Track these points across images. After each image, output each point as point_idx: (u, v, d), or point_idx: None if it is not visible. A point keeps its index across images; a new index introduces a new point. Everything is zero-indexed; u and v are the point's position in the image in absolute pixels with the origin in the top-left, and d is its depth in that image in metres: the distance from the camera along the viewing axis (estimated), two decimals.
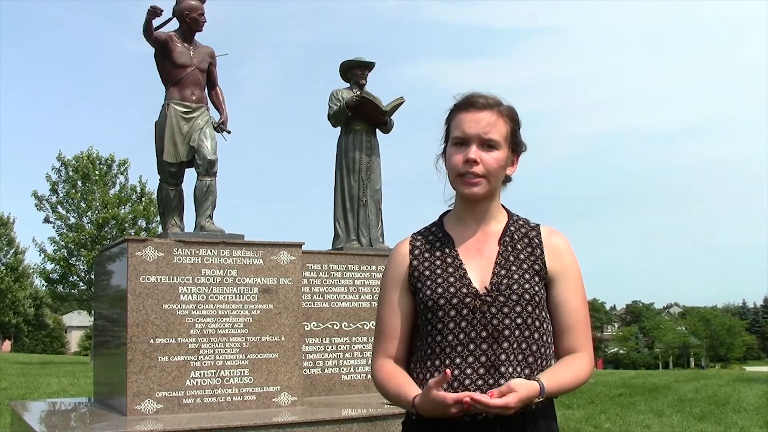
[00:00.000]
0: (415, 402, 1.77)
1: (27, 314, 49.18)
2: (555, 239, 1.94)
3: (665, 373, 22.42)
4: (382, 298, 1.97)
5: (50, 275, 28.44)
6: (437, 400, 1.68)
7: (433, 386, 1.69)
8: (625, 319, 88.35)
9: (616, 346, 66.78)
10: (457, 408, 1.67)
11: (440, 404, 1.68)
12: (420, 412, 1.76)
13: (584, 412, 8.98)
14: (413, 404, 1.77)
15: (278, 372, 5.75)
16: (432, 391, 1.69)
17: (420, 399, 1.75)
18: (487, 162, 1.85)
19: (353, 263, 6.95)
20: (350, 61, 7.65)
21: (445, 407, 1.67)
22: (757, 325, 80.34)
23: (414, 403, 1.77)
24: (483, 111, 1.87)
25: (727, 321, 64.84)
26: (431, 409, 1.71)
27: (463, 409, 1.67)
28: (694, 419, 8.45)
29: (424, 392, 1.73)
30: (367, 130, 7.63)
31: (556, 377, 1.80)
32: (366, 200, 7.55)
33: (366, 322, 6.83)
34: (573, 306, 1.90)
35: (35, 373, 18.17)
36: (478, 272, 1.87)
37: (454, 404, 1.67)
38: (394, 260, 1.97)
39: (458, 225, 1.96)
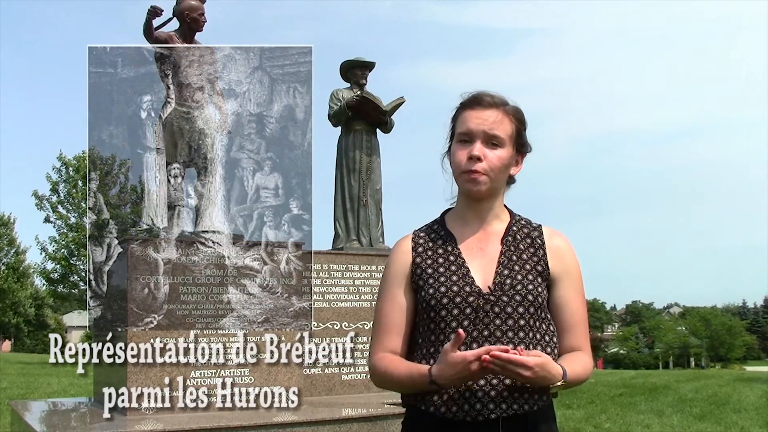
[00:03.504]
0: (432, 372, 1.74)
1: (27, 314, 49.14)
2: (557, 240, 1.94)
3: (665, 373, 22.42)
4: (383, 294, 1.95)
5: (50, 275, 28.43)
6: (457, 360, 1.67)
7: (449, 349, 1.68)
8: (625, 319, 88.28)
9: (616, 346, 66.73)
10: (477, 364, 1.66)
11: (460, 364, 1.67)
12: (440, 381, 1.73)
13: (584, 412, 8.98)
14: (430, 375, 1.74)
15: (278, 372, 5.75)
16: (449, 354, 1.68)
17: (437, 367, 1.73)
18: (490, 159, 1.85)
19: (353, 263, 6.95)
20: (350, 61, 7.65)
21: (466, 366, 1.66)
22: (757, 325, 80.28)
23: (431, 373, 1.74)
24: (489, 109, 1.87)
25: (727, 321, 64.75)
26: (452, 373, 1.70)
27: (482, 366, 1.66)
28: (694, 419, 8.44)
29: (440, 359, 1.72)
30: (368, 130, 7.63)
31: (572, 367, 1.80)
32: (366, 200, 7.55)
33: (366, 322, 6.83)
34: (574, 307, 1.91)
35: (35, 373, 18.15)
36: (481, 271, 1.87)
37: (475, 360, 1.66)
38: (396, 256, 1.96)
39: (460, 223, 1.95)
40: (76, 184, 28.15)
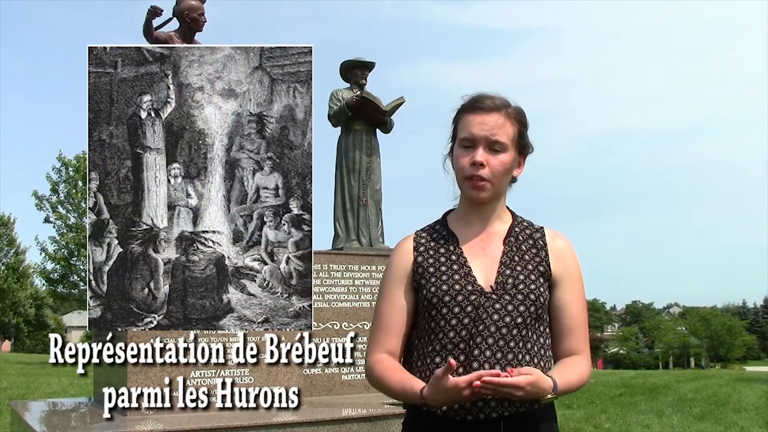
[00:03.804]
0: (423, 393, 1.75)
1: (27, 314, 49.14)
2: (559, 242, 1.95)
3: (665, 373, 22.42)
4: (383, 294, 1.96)
5: (50, 275, 28.43)
6: (449, 387, 1.68)
7: (441, 376, 1.69)
8: (625, 319, 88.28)
9: (616, 346, 66.72)
10: (469, 390, 1.67)
11: (452, 390, 1.68)
12: (431, 402, 1.75)
13: (584, 412, 8.98)
14: (422, 396, 1.76)
15: (278, 372, 5.75)
16: (442, 380, 1.69)
17: (429, 389, 1.74)
18: (493, 165, 1.85)
19: (353, 263, 6.95)
20: (350, 61, 7.65)
21: (458, 391, 1.68)
22: (757, 325, 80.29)
23: (423, 394, 1.76)
24: (491, 113, 1.87)
25: (727, 321, 64.77)
26: (443, 398, 1.71)
27: (473, 391, 1.67)
28: (694, 419, 8.45)
29: (432, 383, 1.72)
30: (367, 130, 7.63)
31: (565, 376, 1.81)
32: (366, 200, 7.55)
33: (366, 322, 6.83)
34: (574, 309, 1.91)
35: (35, 373, 18.15)
36: (483, 270, 1.87)
37: (467, 386, 1.67)
38: (398, 256, 1.97)
39: (462, 224, 1.96)
40: (76, 185, 28.17)
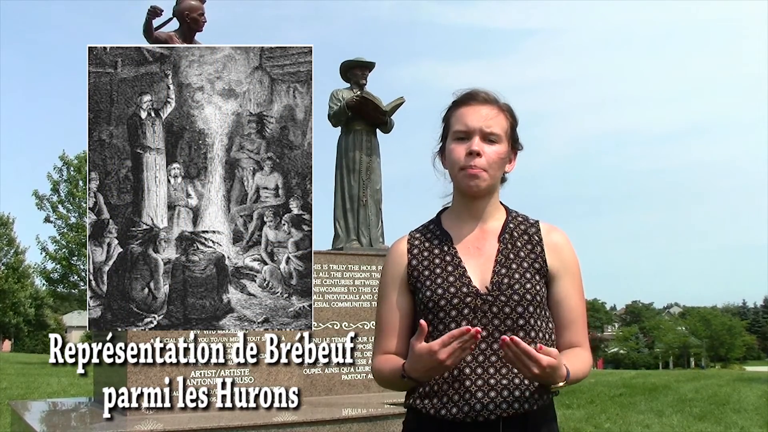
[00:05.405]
0: (405, 368, 1.75)
1: (27, 314, 49.14)
2: (555, 236, 1.93)
3: (665, 373, 22.42)
4: (381, 297, 1.96)
5: (50, 275, 28.43)
6: (423, 352, 1.66)
7: (414, 343, 1.68)
8: (625, 319, 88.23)
9: (616, 346, 66.70)
10: (446, 354, 1.64)
11: (426, 355, 1.65)
12: (412, 374, 1.73)
13: (584, 412, 8.98)
14: (403, 369, 1.75)
15: (278, 372, 5.75)
16: (416, 346, 1.67)
17: (408, 362, 1.73)
18: (489, 155, 1.84)
19: (353, 263, 6.95)
20: (350, 61, 7.65)
21: (433, 356, 1.65)
22: (757, 325, 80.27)
23: (404, 368, 1.75)
24: (485, 105, 1.87)
25: (727, 321, 64.76)
26: (421, 366, 1.69)
27: (453, 356, 1.64)
28: (694, 419, 8.45)
29: (409, 354, 1.71)
30: (368, 130, 7.63)
31: (574, 365, 1.79)
32: (366, 200, 7.56)
33: (366, 322, 6.83)
34: (573, 303, 1.90)
35: (35, 373, 18.15)
36: (478, 271, 1.86)
37: (441, 349, 1.64)
38: (392, 259, 1.96)
39: (456, 222, 1.94)
40: (77, 184, 28.16)
